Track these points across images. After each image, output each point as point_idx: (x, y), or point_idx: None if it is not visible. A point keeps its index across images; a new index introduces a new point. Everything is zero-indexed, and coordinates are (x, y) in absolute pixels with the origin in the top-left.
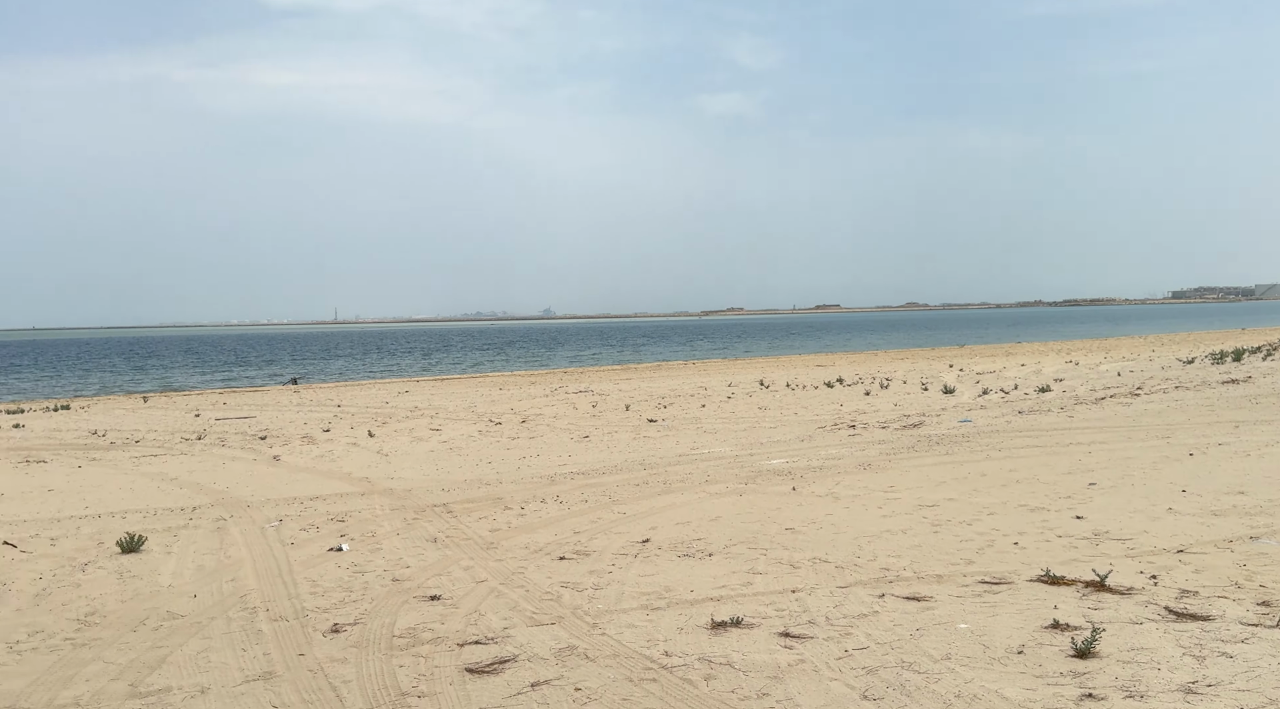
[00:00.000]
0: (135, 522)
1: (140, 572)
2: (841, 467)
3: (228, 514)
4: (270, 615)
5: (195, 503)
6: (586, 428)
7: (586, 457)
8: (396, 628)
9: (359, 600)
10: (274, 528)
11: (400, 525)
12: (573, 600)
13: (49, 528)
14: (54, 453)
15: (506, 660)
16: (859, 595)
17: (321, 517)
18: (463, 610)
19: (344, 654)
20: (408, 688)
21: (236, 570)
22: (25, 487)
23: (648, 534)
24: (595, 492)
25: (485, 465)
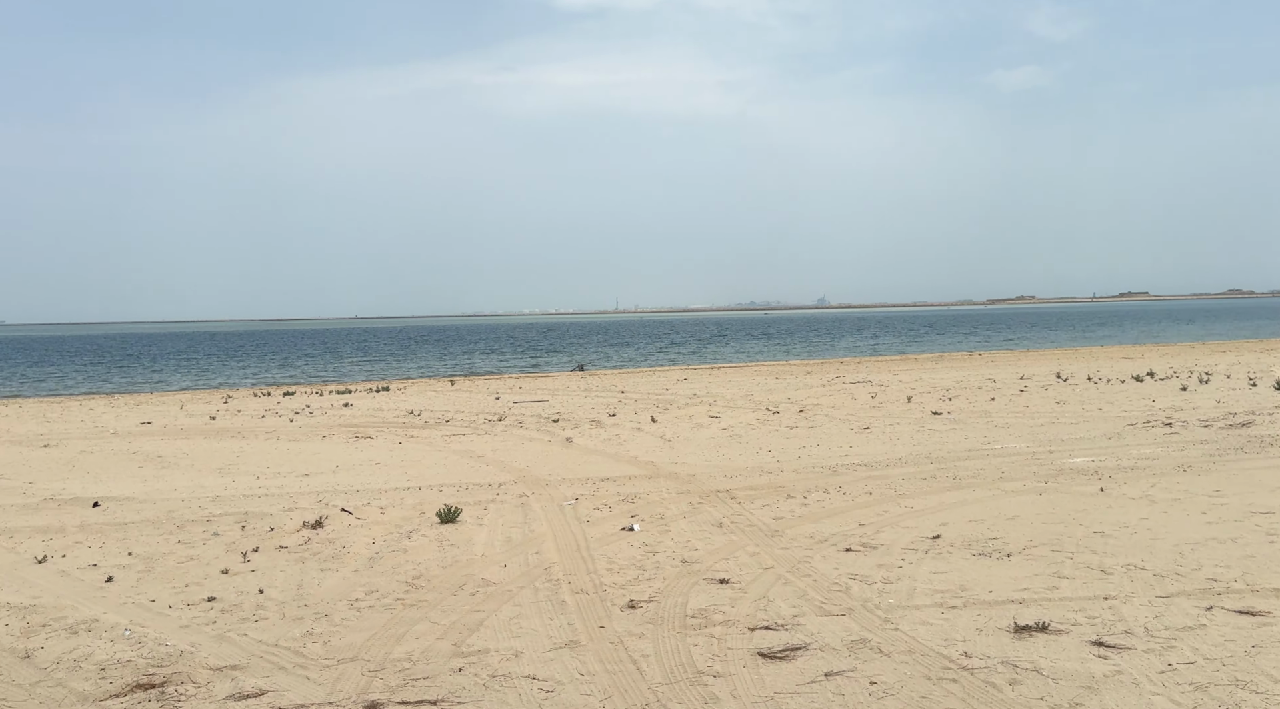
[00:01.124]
0: (450, 494)
1: (457, 541)
2: (1157, 468)
3: (529, 491)
4: (572, 588)
5: (500, 480)
6: (866, 419)
7: (868, 448)
8: (689, 608)
9: (652, 579)
10: (570, 506)
11: (686, 509)
12: (862, 593)
13: (378, 498)
14: (378, 430)
15: (798, 648)
16: (1182, 606)
17: (613, 497)
18: (751, 595)
19: (641, 629)
20: (703, 667)
21: (540, 544)
22: (356, 460)
23: (938, 530)
24: (879, 484)
25: (765, 453)
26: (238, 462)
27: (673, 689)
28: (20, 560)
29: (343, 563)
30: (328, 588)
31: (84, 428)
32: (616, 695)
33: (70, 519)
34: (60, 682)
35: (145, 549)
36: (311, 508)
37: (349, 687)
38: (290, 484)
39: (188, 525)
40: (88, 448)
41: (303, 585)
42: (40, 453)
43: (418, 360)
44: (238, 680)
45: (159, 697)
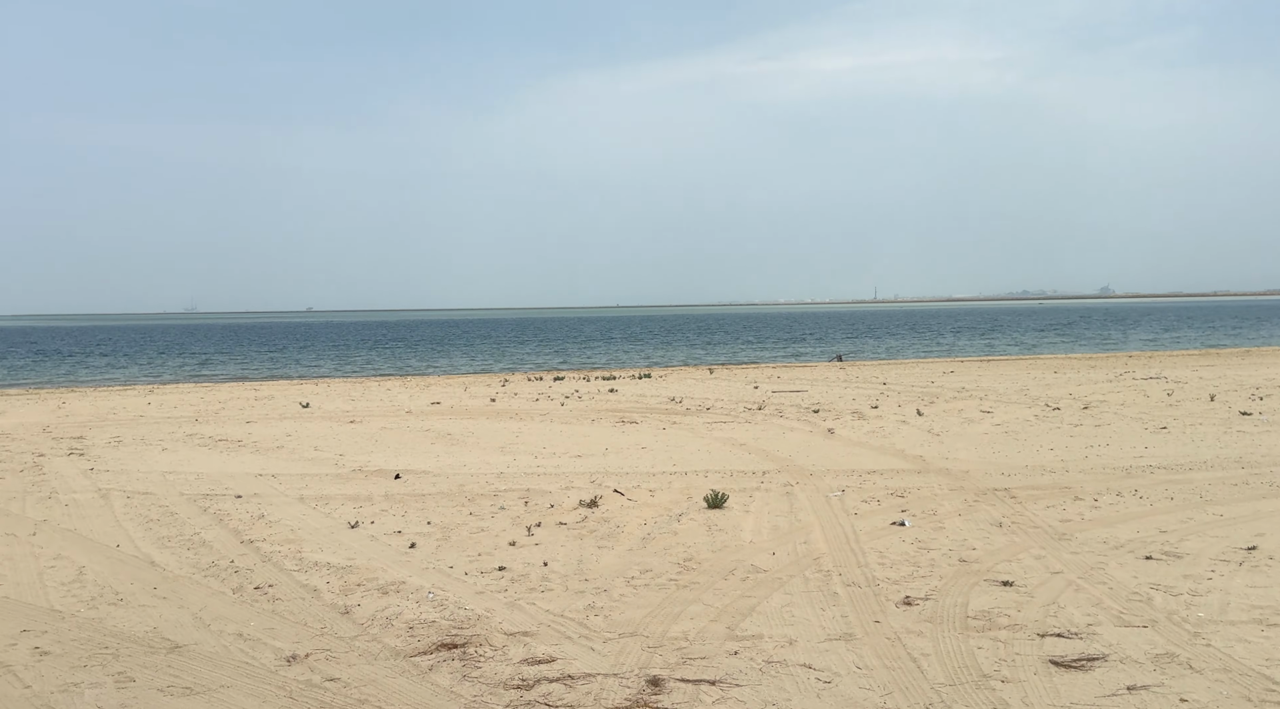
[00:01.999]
0: (715, 481)
1: (724, 526)
2: None
3: (793, 481)
4: (843, 580)
5: (763, 468)
6: (1162, 418)
7: (1166, 449)
8: (970, 609)
9: (927, 576)
10: (837, 497)
11: (961, 506)
12: (1166, 604)
13: (647, 481)
14: (642, 415)
15: (1095, 658)
16: None
17: (880, 491)
18: (1039, 600)
19: (919, 627)
20: (989, 670)
21: (807, 534)
22: (624, 443)
23: (1253, 541)
24: (1181, 488)
25: (1047, 452)
26: (516, 441)
27: (957, 691)
28: (336, 525)
29: (617, 541)
30: (605, 564)
31: (382, 406)
32: (897, 692)
33: (376, 489)
34: (375, 637)
35: (441, 519)
36: (586, 488)
37: (630, 660)
38: (565, 464)
39: (477, 499)
40: (387, 425)
41: (582, 560)
42: (347, 428)
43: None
44: (529, 646)
45: (461, 656)
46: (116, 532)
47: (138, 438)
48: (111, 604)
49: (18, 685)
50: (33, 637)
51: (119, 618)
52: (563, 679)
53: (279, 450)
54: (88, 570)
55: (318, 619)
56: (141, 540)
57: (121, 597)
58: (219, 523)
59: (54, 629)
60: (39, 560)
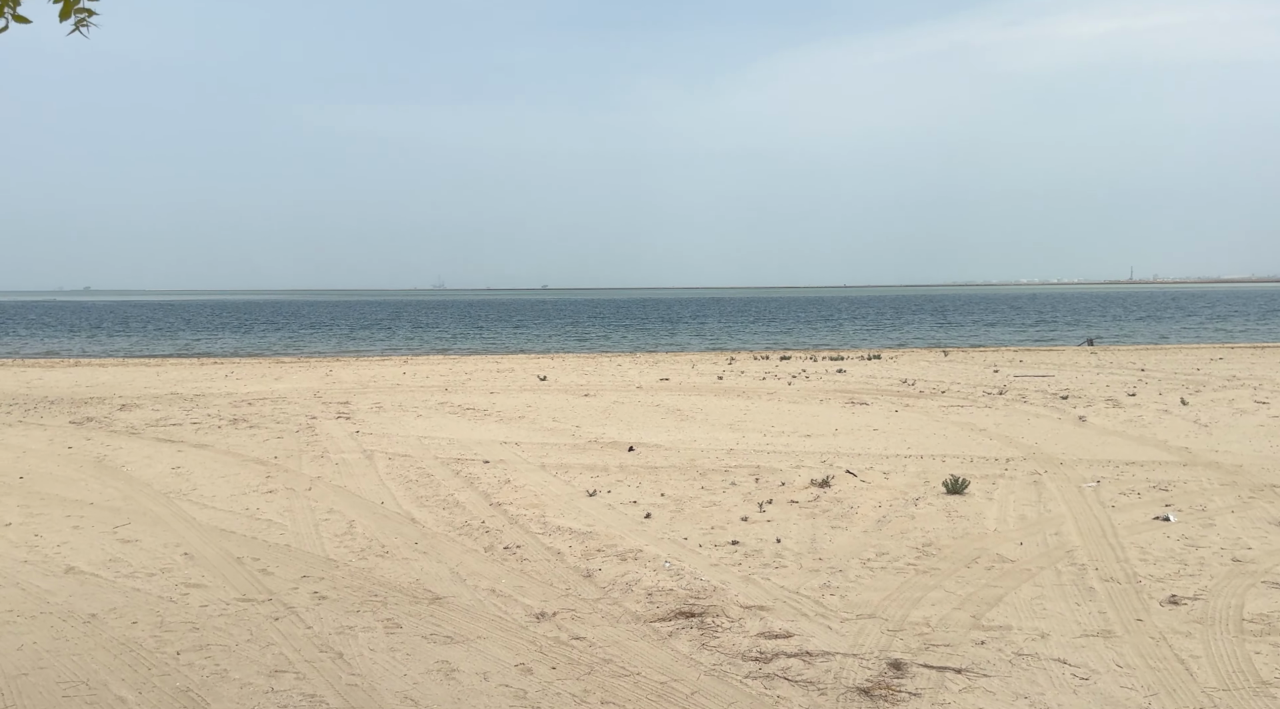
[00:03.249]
0: (953, 466)
1: (965, 513)
2: None
3: (1040, 469)
4: (1100, 575)
5: (1007, 455)
6: None
7: None
8: (1245, 611)
9: (1195, 575)
10: (1091, 488)
11: (1234, 502)
12: None
13: (879, 463)
14: (872, 397)
15: None
16: None
17: (1140, 483)
18: None
19: (1187, 628)
20: (1269, 678)
21: (1058, 525)
22: (854, 424)
23: None
24: None
25: None
26: (744, 419)
27: (1232, 697)
28: (575, 492)
29: (851, 522)
30: (839, 545)
31: (614, 381)
32: (1164, 694)
33: (611, 460)
34: (616, 601)
35: (674, 492)
36: (817, 467)
37: (870, 642)
38: (794, 443)
39: (708, 473)
40: (619, 399)
41: (815, 539)
42: (582, 401)
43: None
44: (765, 620)
45: (699, 625)
46: (380, 490)
47: (396, 404)
48: (379, 556)
49: (300, 626)
50: (312, 582)
51: (385, 569)
52: (800, 655)
53: (520, 420)
54: (357, 524)
55: (563, 580)
56: (403, 499)
57: (387, 550)
58: (470, 486)
59: (330, 576)
60: (315, 513)
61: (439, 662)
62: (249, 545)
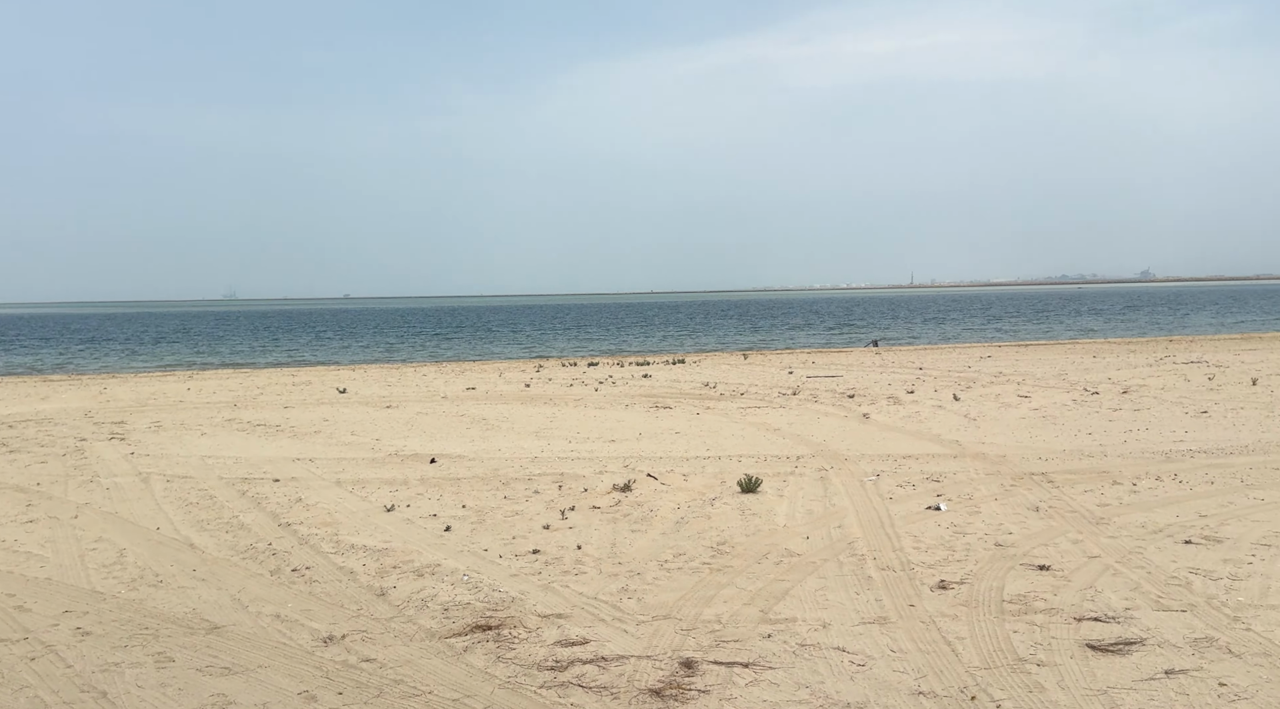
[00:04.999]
0: (749, 465)
1: (758, 510)
2: None
3: (827, 465)
4: (877, 564)
5: (798, 453)
6: (1203, 402)
7: (1207, 434)
8: (1006, 593)
9: (962, 561)
10: (872, 482)
11: (997, 491)
12: (1205, 589)
13: (680, 465)
14: (676, 400)
15: (1133, 642)
16: None
17: (916, 475)
18: (1076, 584)
19: (954, 611)
20: (1025, 654)
21: (841, 518)
22: (657, 428)
23: None
24: (1222, 473)
25: (1085, 436)
26: (551, 426)
27: (992, 674)
28: (372, 508)
29: (651, 525)
30: (639, 548)
31: (418, 392)
32: (931, 675)
33: (412, 473)
34: (410, 618)
35: (476, 502)
36: (620, 472)
37: (664, 642)
38: (599, 449)
39: (512, 483)
40: (423, 410)
41: (615, 544)
42: (383, 413)
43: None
44: (563, 628)
45: (495, 638)
46: (156, 515)
47: (177, 423)
48: (152, 586)
49: (60, 665)
50: (75, 617)
51: (159, 599)
52: (596, 661)
53: (316, 435)
54: (128, 553)
55: (354, 601)
56: (181, 523)
57: (161, 578)
58: (257, 506)
59: (95, 610)
60: (81, 543)
61: (214, 695)
62: (3, 581)
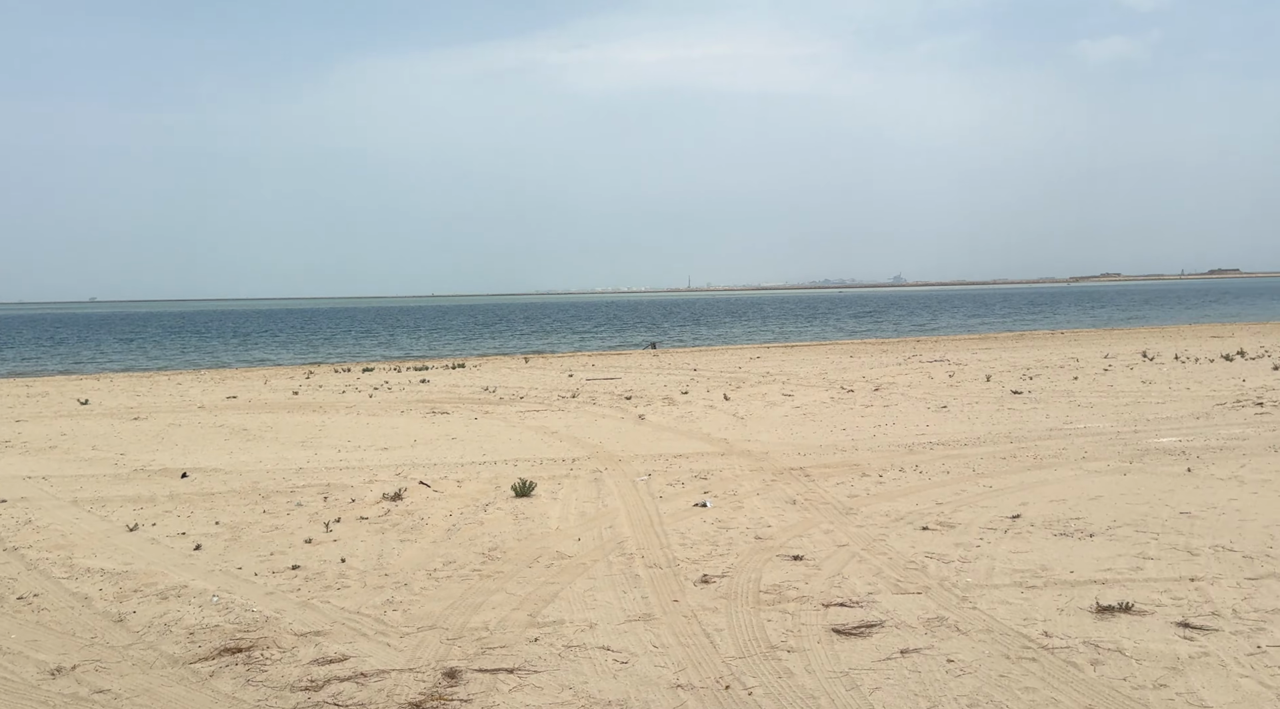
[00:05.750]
0: (525, 469)
1: (532, 514)
2: (1247, 448)
3: (602, 467)
4: (645, 562)
5: (574, 455)
6: (944, 398)
7: (945, 427)
8: (762, 584)
9: (725, 555)
10: (644, 482)
11: (760, 486)
12: (939, 571)
13: (454, 472)
14: (454, 406)
15: (873, 625)
16: (1273, 589)
17: (685, 474)
18: (825, 572)
19: (714, 604)
20: (777, 641)
21: (613, 519)
22: (433, 434)
23: (1018, 510)
24: (957, 463)
25: (840, 432)
26: (320, 435)
27: (746, 663)
28: (113, 528)
29: (421, 534)
30: (407, 558)
31: (172, 402)
32: (690, 668)
33: (160, 489)
34: (151, 645)
35: (232, 518)
36: (391, 481)
37: (428, 654)
38: (370, 457)
39: (272, 496)
40: (176, 421)
41: (383, 555)
42: (130, 425)
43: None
44: (321, 646)
45: (245, 660)
46: None
47: None
48: None
49: None
50: None
51: None
52: (355, 677)
53: (52, 451)
54: None
55: (87, 629)
56: None
57: None
58: None
59: None
60: None
61: None
62: None
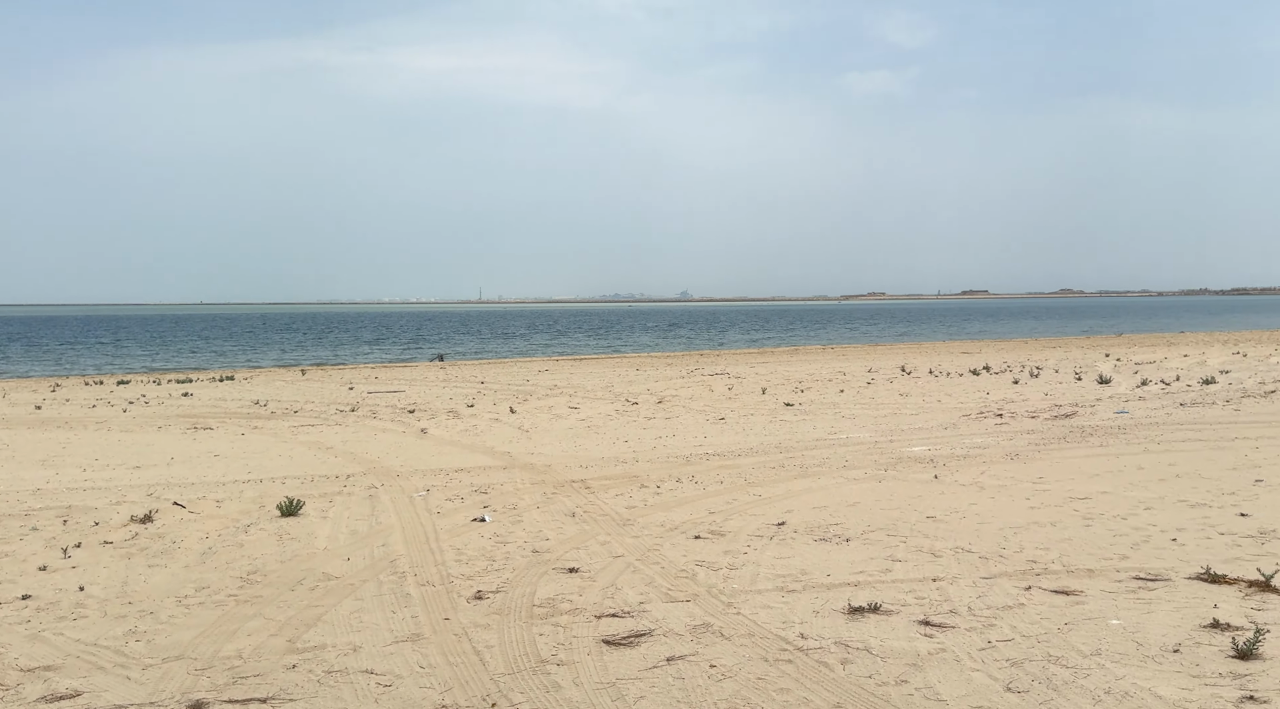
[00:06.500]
0: (294, 487)
1: (298, 534)
2: (987, 456)
3: (379, 483)
4: (418, 580)
5: (349, 471)
6: (722, 410)
7: (722, 438)
8: (536, 597)
9: (501, 570)
10: (422, 497)
11: (540, 499)
12: (708, 579)
13: (215, 491)
14: (219, 420)
15: (643, 634)
16: (1004, 587)
17: (466, 488)
18: (600, 584)
19: (487, 620)
20: (547, 655)
21: (387, 536)
22: (194, 451)
23: (784, 517)
24: (731, 473)
25: (622, 444)
26: (63, 453)
27: (515, 679)
28: None
29: (173, 559)
30: (155, 585)
31: None
32: (457, 687)
33: None
34: None
35: None
36: (141, 501)
37: (172, 686)
38: (120, 477)
39: (3, 520)
40: None
41: (128, 582)
42: None
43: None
44: (51, 682)
45: None
46: None
47: None
48: None
49: None
50: None
51: None
52: None
53: None
54: None
55: None
56: None
57: None
58: None
59: None
60: None
61: None
62: None
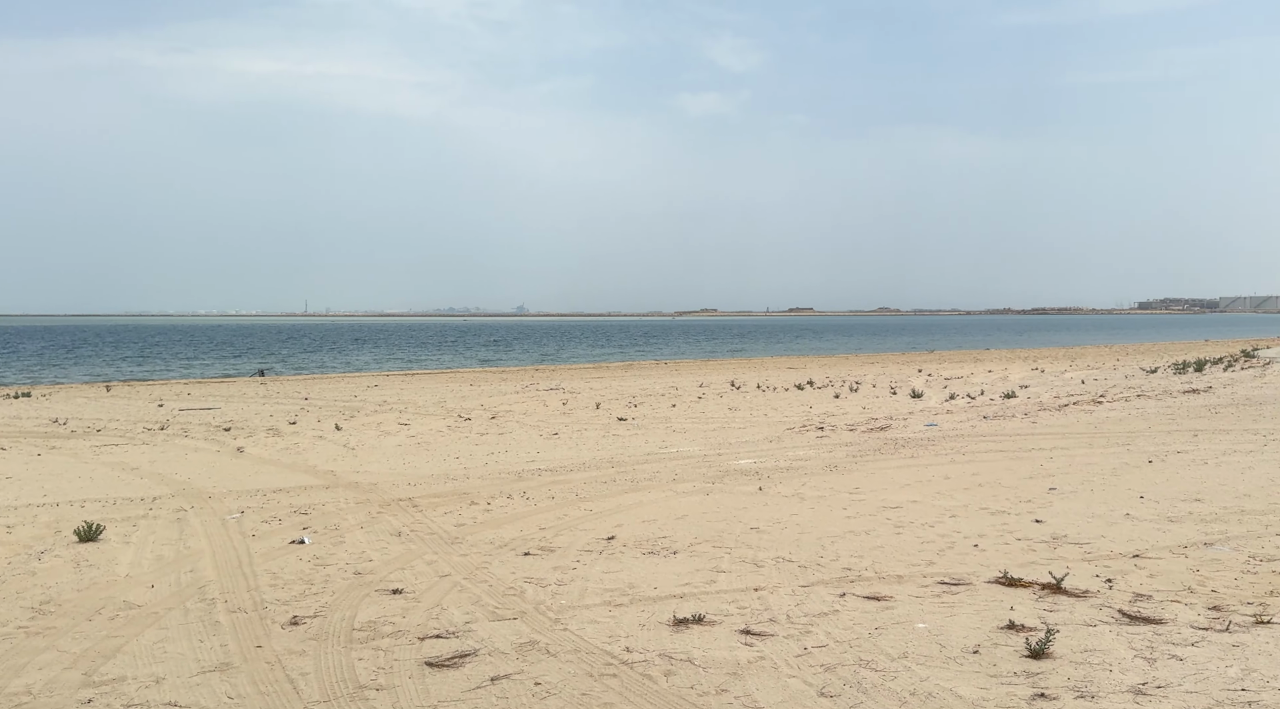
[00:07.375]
0: (94, 511)
1: (97, 561)
2: (808, 468)
3: (189, 505)
4: (229, 607)
5: (156, 493)
6: (556, 425)
7: (555, 454)
8: (357, 621)
9: (320, 593)
10: (235, 520)
11: (365, 519)
12: (536, 596)
13: (4, 516)
14: (12, 440)
15: (467, 655)
16: (820, 595)
17: (284, 509)
18: (425, 604)
19: (302, 647)
20: (366, 681)
21: (196, 561)
22: None
23: (613, 531)
24: (562, 488)
25: (453, 461)
26: None
27: (331, 706)
28: None
29: None
30: None
31: None
32: None
33: None
34: None
35: None
36: None
37: None
38: None
39: None
40: None
41: None
42: None
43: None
44: None
45: None
46: None
47: None
48: None
49: None
50: None
51: None
52: None
53: None
54: None
55: None
56: None
57: None
58: None
59: None
60: None
61: None
62: None
